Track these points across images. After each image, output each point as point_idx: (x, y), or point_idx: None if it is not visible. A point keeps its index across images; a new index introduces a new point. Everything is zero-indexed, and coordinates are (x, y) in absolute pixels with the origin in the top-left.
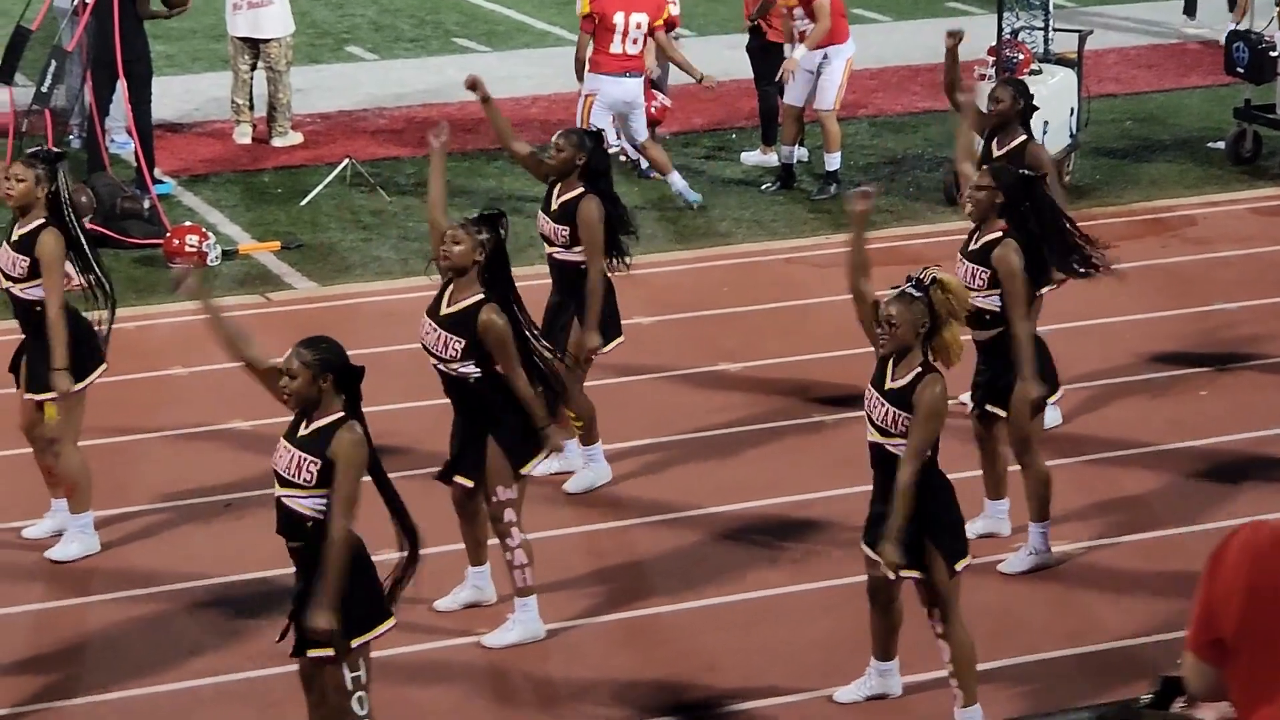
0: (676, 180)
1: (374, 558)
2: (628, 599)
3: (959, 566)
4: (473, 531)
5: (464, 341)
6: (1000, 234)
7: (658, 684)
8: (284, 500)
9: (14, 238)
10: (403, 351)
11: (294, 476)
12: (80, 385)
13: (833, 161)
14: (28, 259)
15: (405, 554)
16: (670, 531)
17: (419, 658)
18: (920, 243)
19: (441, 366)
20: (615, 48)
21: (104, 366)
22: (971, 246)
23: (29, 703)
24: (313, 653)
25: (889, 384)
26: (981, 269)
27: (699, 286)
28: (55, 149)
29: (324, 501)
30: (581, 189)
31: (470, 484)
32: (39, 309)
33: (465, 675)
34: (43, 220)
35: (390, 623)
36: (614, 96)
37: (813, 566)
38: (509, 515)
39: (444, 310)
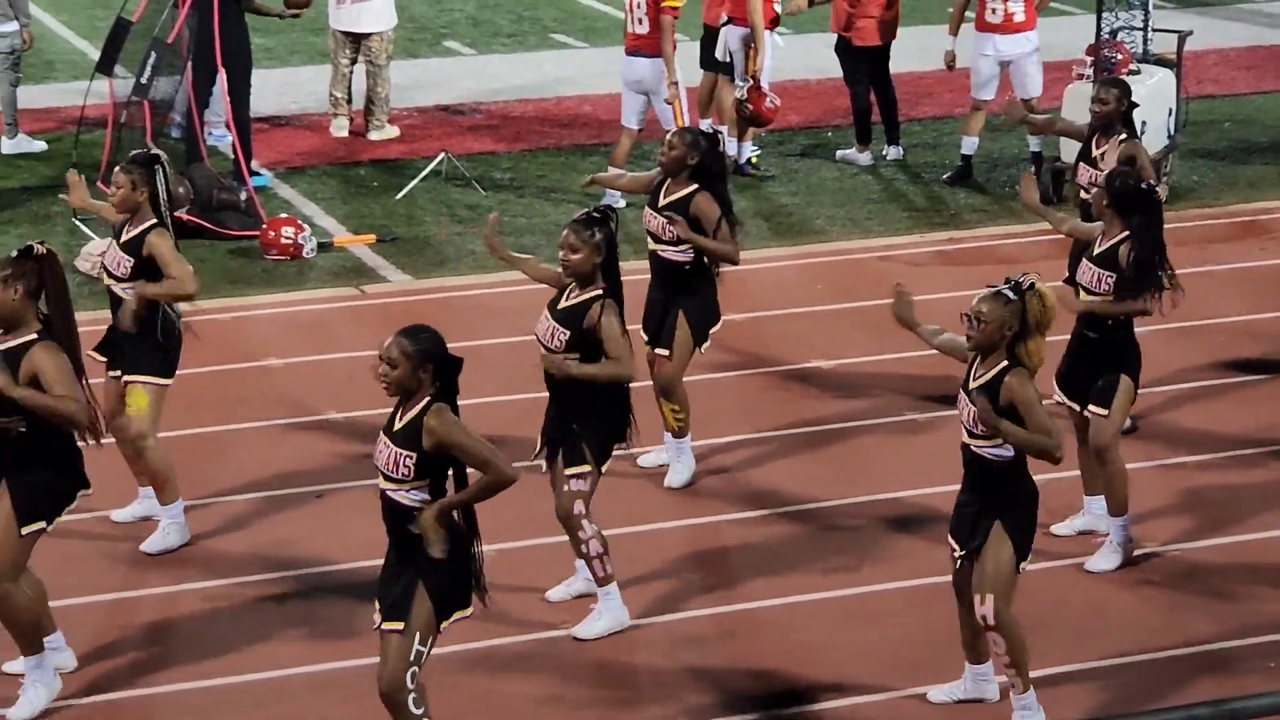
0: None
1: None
2: (717, 594)
3: (1022, 566)
4: None
5: (569, 334)
6: (1124, 236)
7: (747, 679)
8: (387, 494)
9: (123, 239)
10: (496, 345)
11: (392, 471)
12: (165, 381)
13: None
14: (133, 260)
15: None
16: (760, 527)
17: (507, 650)
18: (1015, 243)
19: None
20: (627, 27)
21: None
22: (1098, 250)
23: (115, 689)
24: (386, 625)
25: (972, 383)
26: (1108, 273)
27: (792, 283)
28: (152, 150)
29: (423, 494)
30: (694, 186)
31: None
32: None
33: (555, 668)
34: (152, 221)
35: (467, 611)
36: (625, 76)
37: (903, 564)
38: (578, 507)
39: (561, 304)
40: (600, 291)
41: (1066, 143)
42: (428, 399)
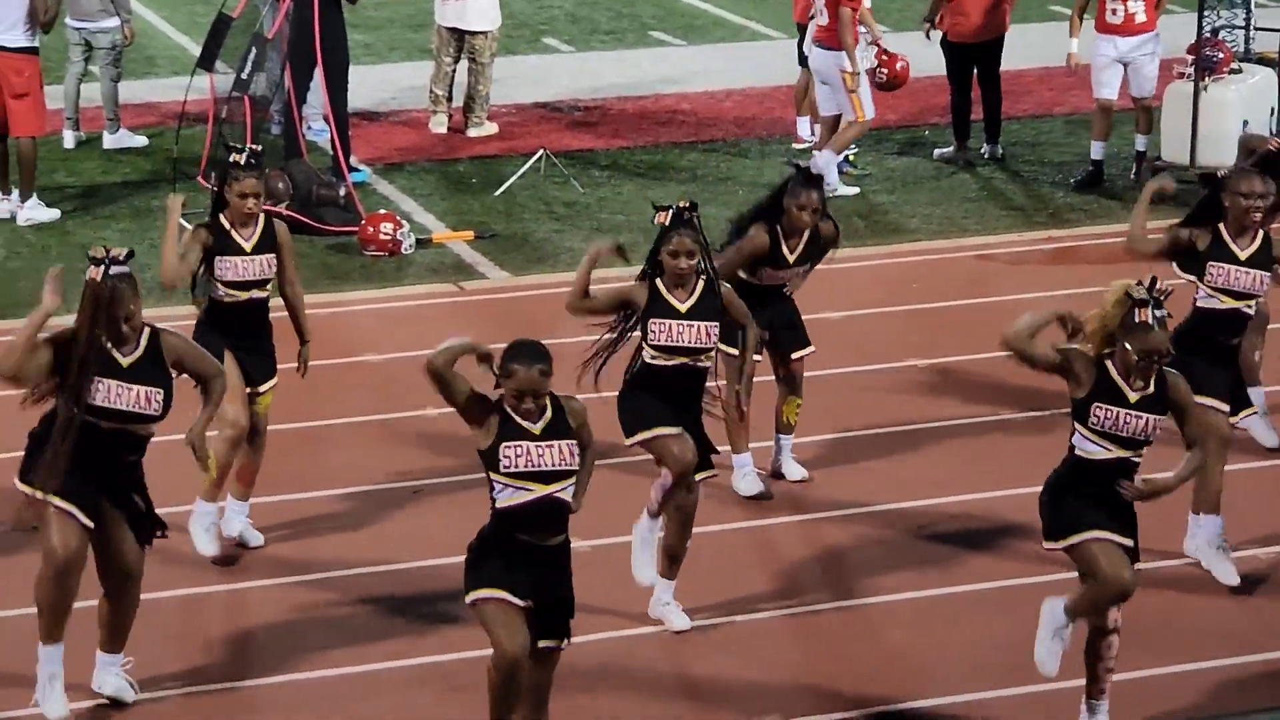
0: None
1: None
2: (806, 593)
3: None
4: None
5: (719, 325)
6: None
7: (835, 679)
8: (557, 495)
9: (249, 246)
10: (591, 342)
11: (568, 464)
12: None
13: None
14: (275, 255)
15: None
16: (852, 526)
17: (583, 655)
18: (1115, 241)
19: (689, 361)
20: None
21: None
22: (1249, 251)
23: (213, 681)
24: (550, 643)
25: (1133, 396)
26: (1264, 272)
27: (888, 282)
28: (254, 146)
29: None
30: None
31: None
32: (268, 304)
33: (644, 668)
34: (262, 214)
35: None
36: (812, 66)
37: (994, 566)
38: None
39: (687, 305)
40: (709, 280)
41: (1168, 141)
42: (550, 393)
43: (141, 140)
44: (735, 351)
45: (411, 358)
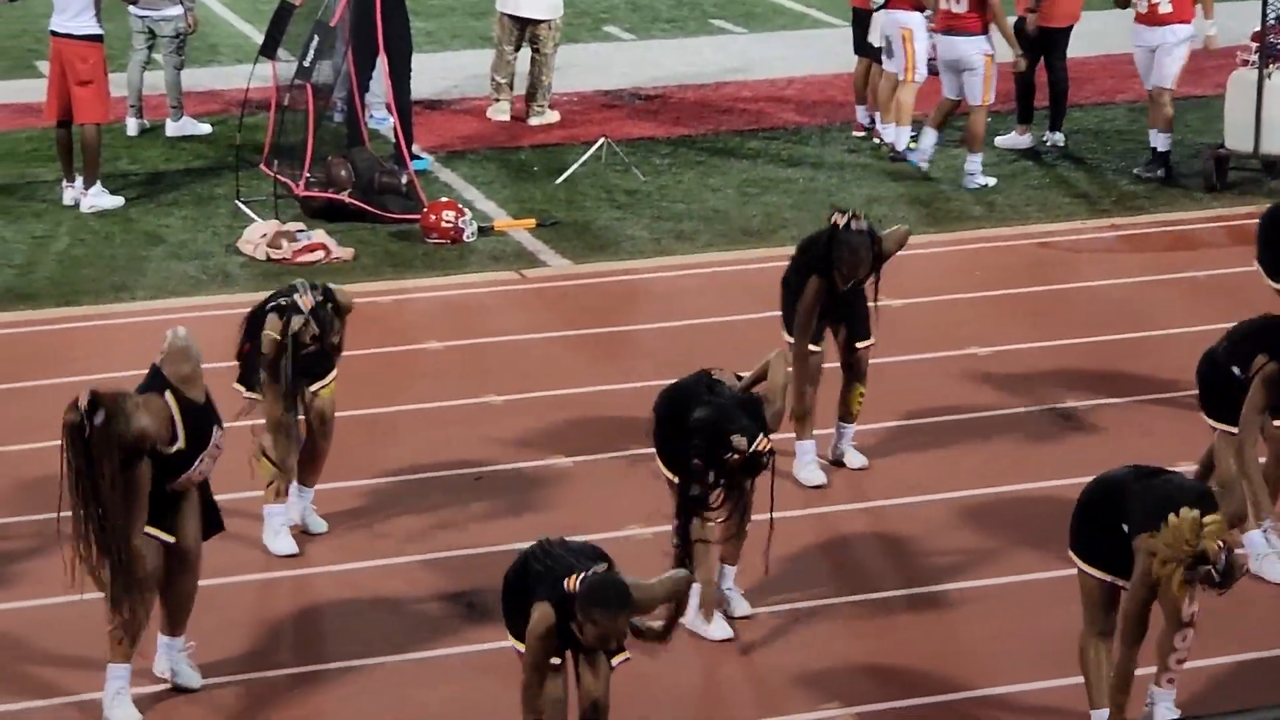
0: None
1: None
2: (869, 581)
3: None
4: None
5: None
6: None
7: (897, 668)
8: None
9: None
10: (651, 330)
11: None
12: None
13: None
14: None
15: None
16: (916, 514)
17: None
18: (1180, 229)
19: None
20: (942, 5)
21: None
22: None
23: (276, 667)
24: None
25: None
26: None
27: (950, 270)
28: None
29: None
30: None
31: None
32: None
33: (705, 656)
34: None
35: None
36: (944, 56)
37: (1061, 554)
38: None
39: None
40: None
41: (1232, 129)
42: None
43: (205, 128)
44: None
45: (473, 345)
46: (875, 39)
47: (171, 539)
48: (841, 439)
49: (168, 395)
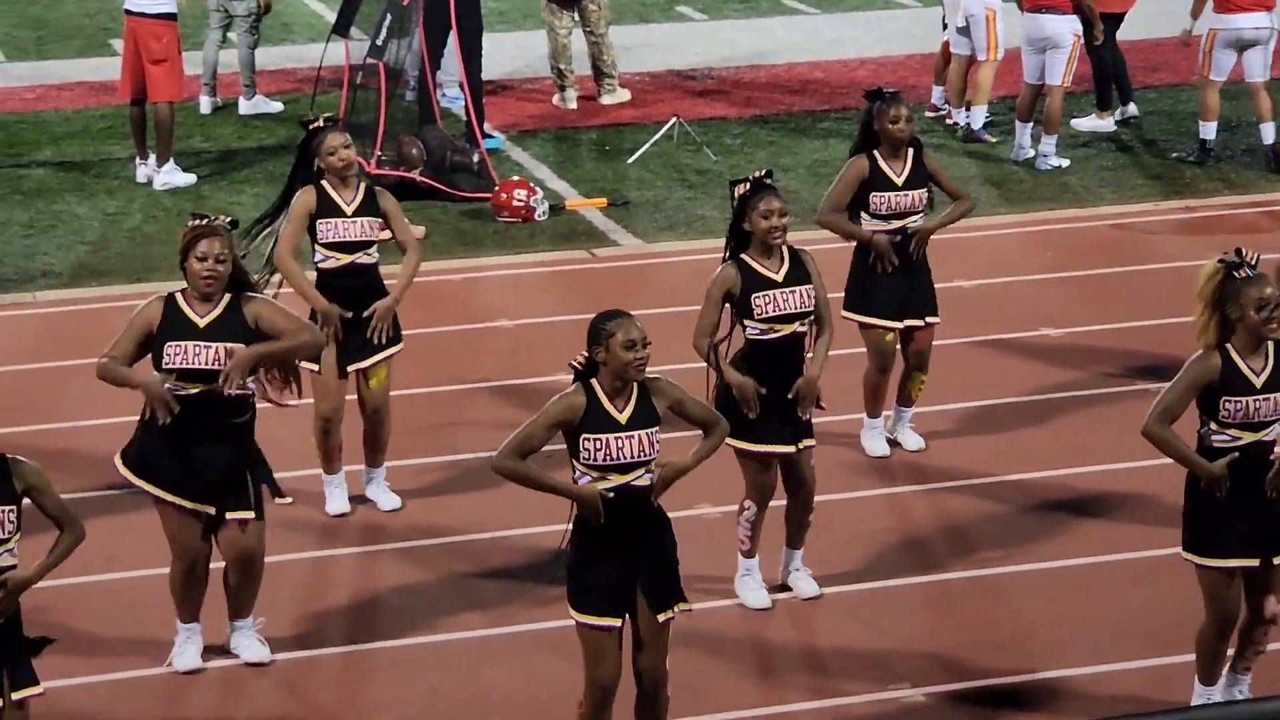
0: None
1: None
2: (935, 562)
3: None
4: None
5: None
6: None
7: (963, 649)
8: (632, 484)
9: (350, 208)
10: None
11: (648, 454)
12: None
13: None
14: (379, 219)
15: None
16: (982, 496)
17: (704, 621)
18: (1253, 211)
19: (796, 327)
20: None
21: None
22: None
23: (342, 644)
24: (665, 615)
25: (1259, 378)
26: None
27: (1022, 251)
28: (328, 115)
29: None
30: (912, 150)
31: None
32: (376, 269)
33: (773, 636)
34: (367, 181)
35: None
36: (1030, 35)
37: (1125, 537)
38: None
39: (782, 274)
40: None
41: None
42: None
43: (277, 106)
44: (868, 320)
45: (544, 324)
46: (956, 19)
47: (208, 509)
48: (899, 421)
49: None
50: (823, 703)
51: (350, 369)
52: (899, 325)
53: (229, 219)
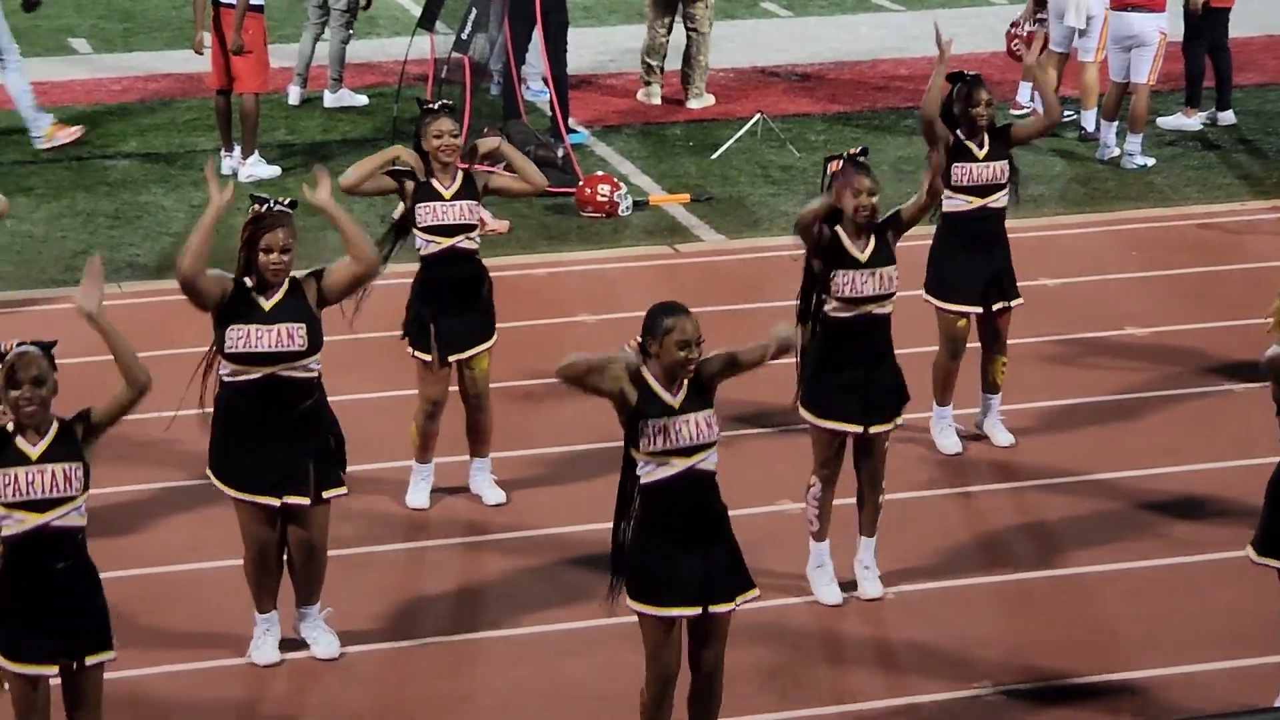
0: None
1: None
2: (1017, 561)
3: None
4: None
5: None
6: None
7: (1045, 649)
8: (696, 468)
9: (449, 193)
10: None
11: (706, 438)
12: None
13: None
14: (478, 201)
15: None
16: (1067, 495)
17: (781, 618)
18: None
19: (873, 309)
20: None
21: None
22: None
23: (424, 635)
24: (724, 607)
25: None
26: None
27: (1106, 250)
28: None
29: None
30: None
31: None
32: (477, 258)
33: (850, 634)
34: (466, 165)
35: None
36: (1117, 33)
37: (1212, 537)
38: None
39: (866, 254)
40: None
41: None
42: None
43: (362, 99)
44: (946, 305)
45: (626, 319)
46: (1076, 20)
47: (274, 502)
48: (988, 413)
49: None
50: (899, 700)
51: (452, 359)
52: (978, 310)
53: (289, 200)
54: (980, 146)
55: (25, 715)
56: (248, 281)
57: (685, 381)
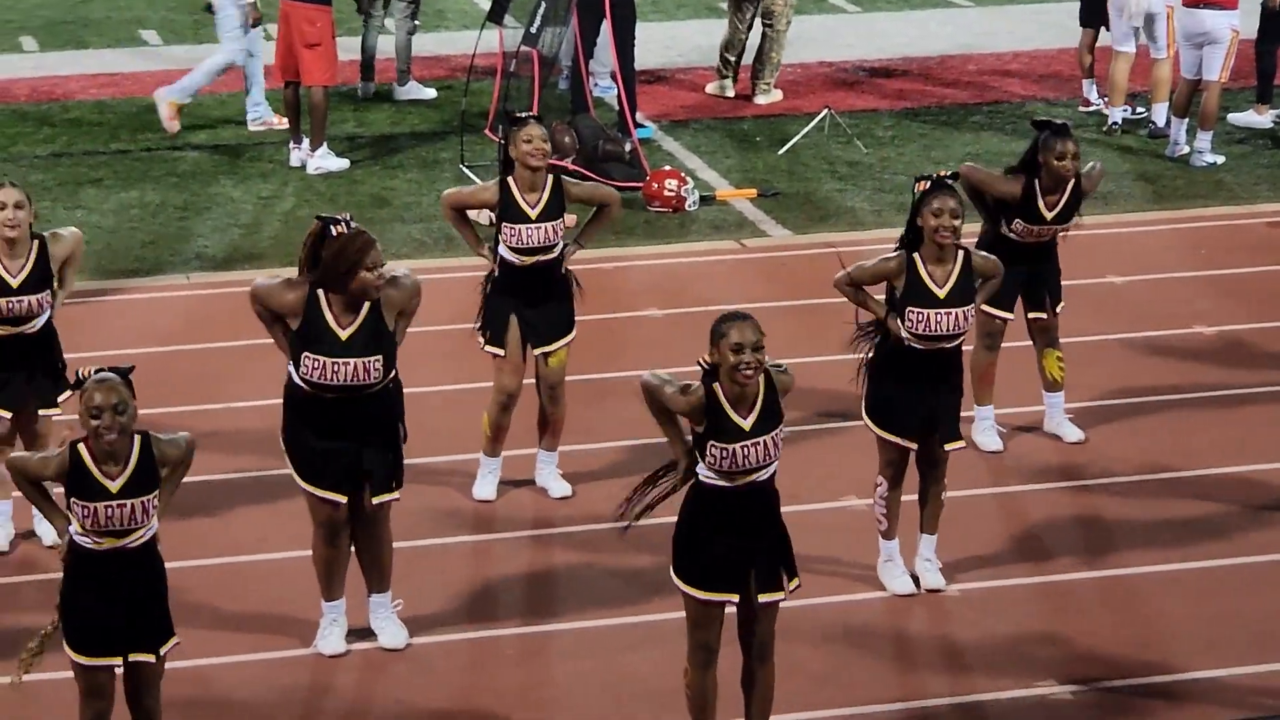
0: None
1: None
2: (1083, 559)
3: None
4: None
5: (973, 310)
6: None
7: (1113, 646)
8: (759, 481)
9: (535, 212)
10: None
11: (771, 458)
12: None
13: None
14: (563, 218)
15: None
16: (1131, 493)
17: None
18: None
19: (945, 345)
20: None
21: None
22: None
23: (496, 627)
24: (769, 597)
25: None
26: None
27: (1176, 247)
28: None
29: None
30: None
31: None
32: (560, 260)
33: (912, 630)
34: (552, 174)
35: None
36: (1189, 30)
37: (1278, 538)
38: None
39: (945, 290)
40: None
41: None
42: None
43: (430, 93)
44: (995, 312)
45: (693, 314)
46: (1137, 20)
47: (342, 499)
48: (1054, 412)
49: None
50: (964, 698)
51: (534, 351)
52: (1010, 316)
53: (348, 215)
54: (1053, 207)
55: (93, 706)
56: (322, 301)
57: (760, 400)
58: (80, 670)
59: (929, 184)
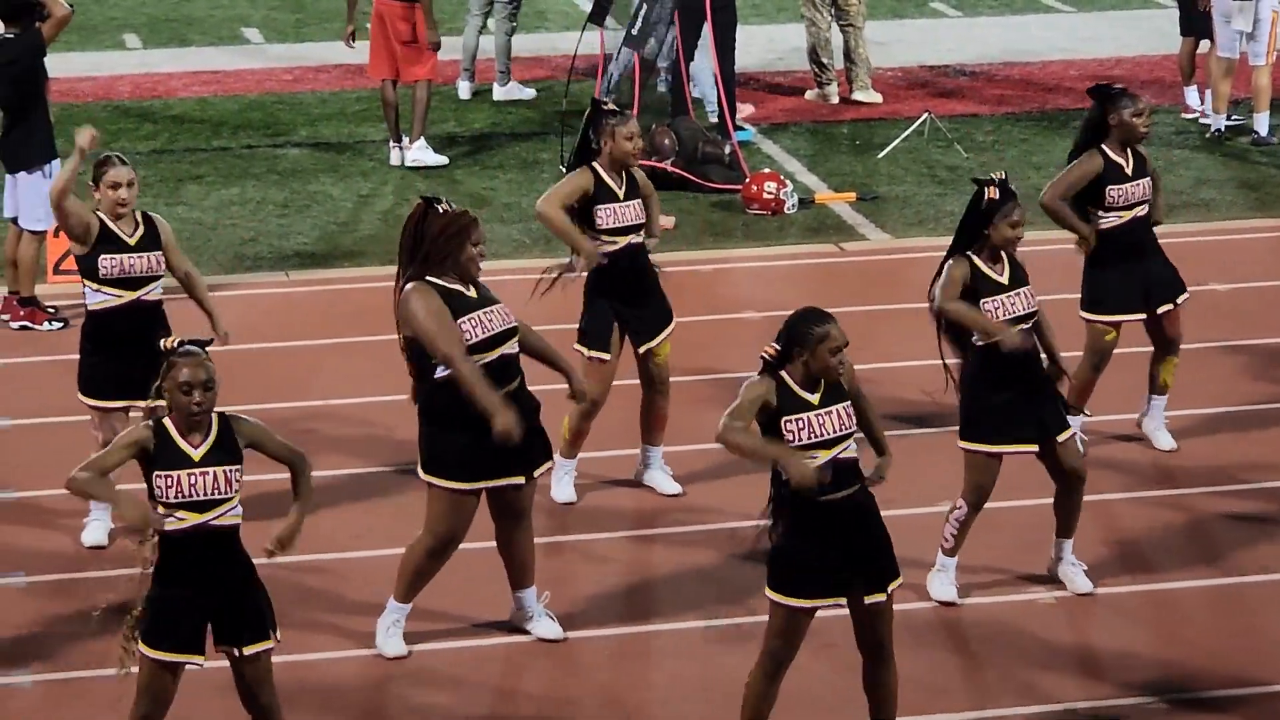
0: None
1: None
2: (1183, 567)
3: None
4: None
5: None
6: None
7: (1206, 659)
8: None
9: (622, 192)
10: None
11: (847, 428)
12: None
13: None
14: (643, 200)
15: None
16: (1230, 502)
17: (995, 611)
18: None
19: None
20: None
21: None
22: None
23: (577, 630)
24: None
25: None
26: None
27: (1278, 254)
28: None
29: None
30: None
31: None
32: (646, 252)
33: (1043, 632)
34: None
35: None
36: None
37: None
38: None
39: (1006, 276)
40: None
41: None
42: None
43: (530, 93)
44: (1100, 318)
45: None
46: (1243, 24)
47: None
48: (1151, 415)
49: None
50: (1044, 707)
51: (642, 348)
52: (1141, 316)
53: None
54: (1128, 161)
55: (150, 701)
56: (458, 286)
57: (822, 381)
58: (147, 665)
59: (999, 190)
